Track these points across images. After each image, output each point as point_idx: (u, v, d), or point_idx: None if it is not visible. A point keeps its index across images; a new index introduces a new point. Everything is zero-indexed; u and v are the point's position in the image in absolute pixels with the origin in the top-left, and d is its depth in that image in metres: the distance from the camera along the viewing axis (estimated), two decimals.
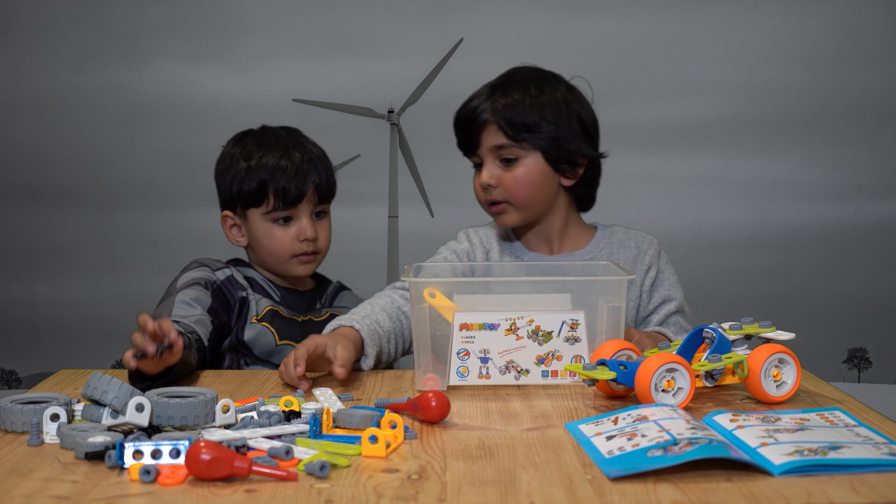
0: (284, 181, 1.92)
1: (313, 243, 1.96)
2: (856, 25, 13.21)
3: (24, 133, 10.21)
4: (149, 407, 1.25)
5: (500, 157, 1.87)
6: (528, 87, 1.88)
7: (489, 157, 1.88)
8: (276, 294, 2.01)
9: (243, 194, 1.95)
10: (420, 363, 1.58)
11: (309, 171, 1.94)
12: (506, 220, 1.91)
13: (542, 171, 1.87)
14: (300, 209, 1.94)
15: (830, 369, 8.18)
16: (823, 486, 1.08)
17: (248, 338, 1.93)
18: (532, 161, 1.87)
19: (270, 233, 1.95)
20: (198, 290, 1.88)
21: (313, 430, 1.26)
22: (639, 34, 13.05)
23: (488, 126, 1.86)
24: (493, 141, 1.86)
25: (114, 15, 11.02)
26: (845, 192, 14.06)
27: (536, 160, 1.87)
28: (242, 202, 1.96)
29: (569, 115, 1.88)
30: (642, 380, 1.40)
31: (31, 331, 9.96)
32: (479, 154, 1.89)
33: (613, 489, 1.08)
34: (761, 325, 1.54)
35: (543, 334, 1.56)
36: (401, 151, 7.21)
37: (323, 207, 1.99)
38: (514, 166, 1.87)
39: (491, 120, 1.86)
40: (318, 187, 1.95)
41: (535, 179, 1.87)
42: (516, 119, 1.84)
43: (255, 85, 12.11)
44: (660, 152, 13.36)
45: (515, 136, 1.85)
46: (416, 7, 11.63)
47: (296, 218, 1.95)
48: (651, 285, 1.93)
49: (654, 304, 1.92)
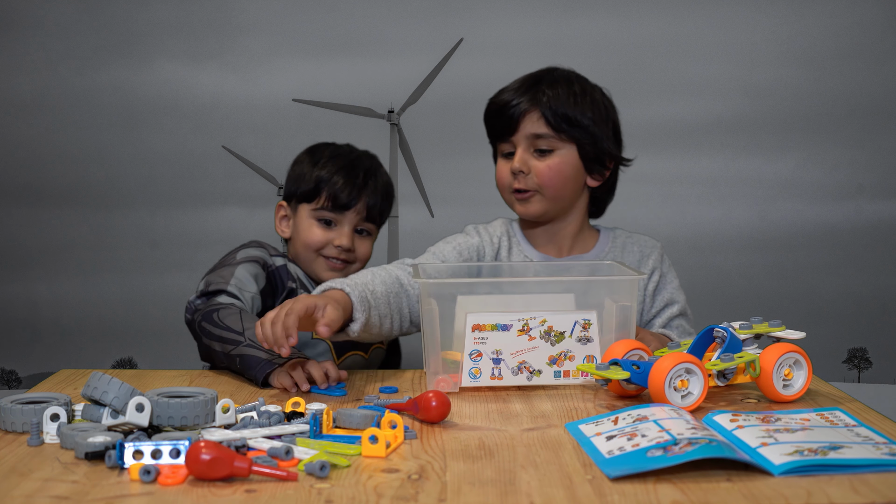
0: (339, 187, 2.03)
1: (346, 253, 2.04)
2: (856, 25, 13.33)
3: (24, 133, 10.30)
4: (149, 407, 1.25)
5: (535, 147, 1.88)
6: (572, 83, 1.91)
7: (524, 144, 1.88)
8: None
9: (301, 188, 2.06)
10: (430, 364, 1.57)
11: (366, 190, 2.06)
12: (529, 208, 1.91)
13: (574, 166, 1.90)
14: (345, 218, 2.04)
15: (830, 369, 8.20)
16: (823, 486, 1.08)
17: None
18: (567, 154, 1.89)
19: (311, 227, 2.04)
20: (256, 268, 1.96)
21: (313, 430, 1.27)
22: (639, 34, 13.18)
23: (530, 113, 1.87)
24: (532, 129, 1.87)
25: (114, 15, 11.13)
26: (845, 192, 14.17)
27: (571, 153, 1.89)
28: (298, 196, 2.06)
29: (606, 117, 1.92)
30: (656, 380, 1.40)
31: (31, 331, 10.05)
32: (512, 141, 1.90)
33: (613, 489, 1.08)
34: (771, 325, 1.55)
35: (556, 334, 1.56)
36: (401, 151, 7.22)
37: (368, 227, 2.08)
38: (548, 157, 1.88)
39: (533, 108, 1.87)
40: (369, 207, 2.06)
41: (567, 172, 1.89)
42: (560, 110, 1.86)
43: (255, 85, 12.23)
44: (660, 152, 13.39)
45: (557, 126, 1.86)
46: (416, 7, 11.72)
47: (338, 225, 2.05)
48: (654, 289, 1.94)
49: (658, 307, 1.93)
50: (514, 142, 1.90)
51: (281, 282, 2.00)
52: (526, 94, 1.88)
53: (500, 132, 1.92)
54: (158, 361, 6.12)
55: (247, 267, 1.93)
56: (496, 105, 1.92)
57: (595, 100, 1.91)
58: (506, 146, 1.92)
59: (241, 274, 1.91)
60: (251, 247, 2.02)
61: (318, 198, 2.04)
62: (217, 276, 1.89)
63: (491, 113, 1.94)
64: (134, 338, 6.50)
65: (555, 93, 1.87)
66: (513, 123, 1.88)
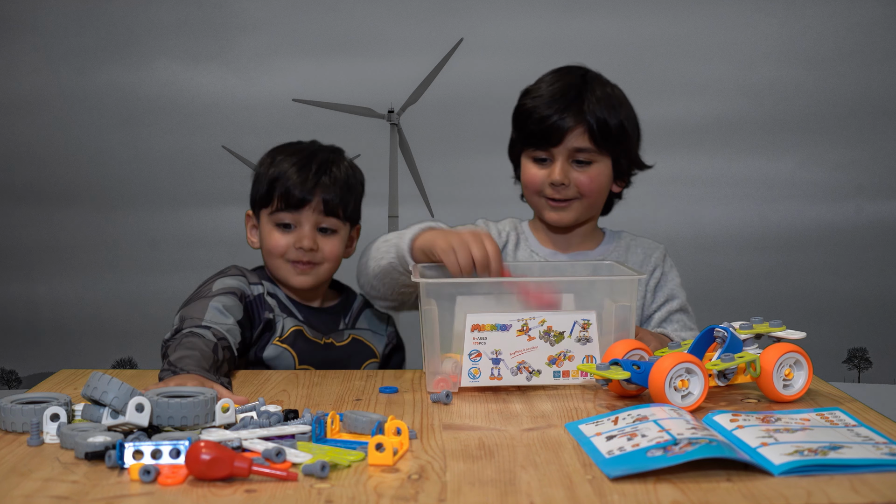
0: (290, 186, 1.94)
1: (310, 253, 1.94)
2: (856, 25, 13.18)
3: (24, 133, 10.18)
4: (149, 407, 1.25)
5: (573, 159, 1.90)
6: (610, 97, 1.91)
7: (564, 156, 1.89)
8: (299, 314, 1.99)
9: (259, 192, 1.99)
10: (429, 365, 1.57)
11: (321, 184, 1.95)
12: (564, 217, 1.94)
13: (609, 176, 1.94)
14: (303, 217, 1.94)
15: (830, 369, 8.15)
16: (823, 486, 1.08)
17: (267, 356, 1.93)
18: (604, 165, 1.92)
19: (271, 234, 1.96)
20: (233, 300, 1.86)
21: (315, 433, 1.26)
22: (639, 34, 13.01)
23: (575, 129, 1.88)
24: (576, 143, 1.88)
25: (114, 15, 11.00)
26: (845, 192, 14.04)
27: (607, 165, 1.92)
28: (258, 201, 1.99)
29: (637, 127, 1.97)
30: (656, 380, 1.40)
31: (31, 331, 9.94)
32: (551, 151, 1.90)
33: (613, 489, 1.08)
34: (772, 325, 1.55)
35: (555, 335, 1.56)
36: (401, 151, 7.20)
37: (332, 224, 1.96)
38: (587, 168, 1.90)
39: (579, 124, 1.88)
40: (325, 202, 1.95)
41: (603, 183, 1.94)
42: (604, 128, 1.88)
43: (255, 85, 12.09)
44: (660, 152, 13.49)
45: (600, 142, 1.88)
46: (416, 7, 11.57)
47: (298, 226, 1.95)
48: (655, 285, 1.98)
49: (658, 302, 1.97)
50: (553, 153, 1.90)
51: (258, 314, 1.92)
52: (570, 109, 1.88)
53: (538, 142, 1.91)
54: (158, 361, 6.12)
55: (222, 300, 1.83)
56: (537, 115, 1.90)
57: (629, 111, 1.95)
58: (540, 153, 1.92)
59: (214, 308, 1.80)
60: (230, 275, 1.93)
61: (271, 200, 1.95)
62: (191, 311, 1.80)
63: (529, 121, 1.92)
64: (134, 338, 6.51)
65: (599, 108, 1.89)
66: (556, 137, 1.88)
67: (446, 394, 1.50)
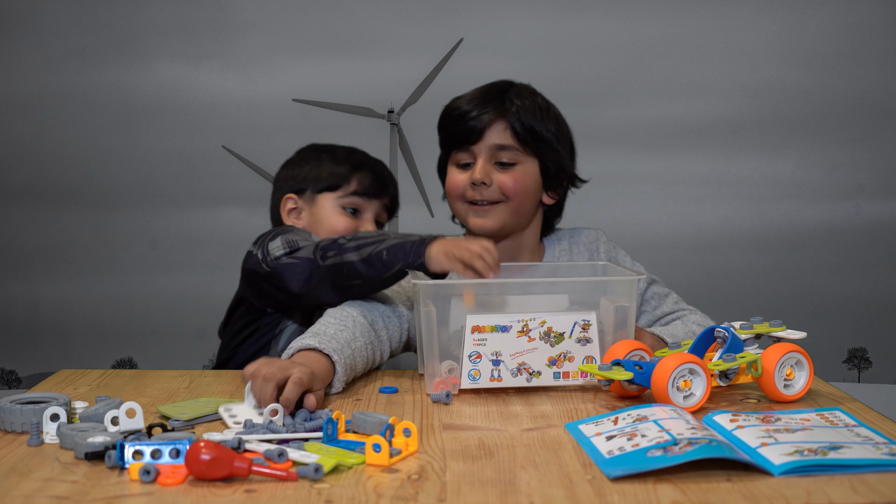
0: (371, 176, 2.06)
1: None
2: (856, 25, 13.34)
3: (24, 133, 10.31)
4: (140, 410, 1.25)
5: (496, 159, 1.83)
6: (536, 96, 1.88)
7: (486, 154, 1.83)
8: None
9: (325, 177, 2.05)
10: (427, 367, 1.57)
11: (389, 185, 2.10)
12: (486, 222, 1.85)
13: (535, 181, 1.86)
14: (370, 208, 2.06)
15: (830, 369, 8.20)
16: (823, 486, 1.08)
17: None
18: (529, 168, 1.85)
19: (337, 216, 2.04)
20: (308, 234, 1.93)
21: (327, 434, 1.25)
22: (639, 34, 13.15)
23: (496, 123, 1.82)
24: (497, 140, 1.83)
25: (114, 15, 11.14)
26: (845, 192, 14.20)
27: (533, 168, 1.85)
28: (319, 186, 2.05)
29: (566, 135, 1.90)
30: (659, 380, 1.40)
31: (31, 331, 10.06)
32: (472, 150, 1.84)
33: (613, 489, 1.08)
34: (772, 325, 1.55)
35: (555, 335, 1.56)
36: (401, 151, 7.23)
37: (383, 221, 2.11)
38: (510, 169, 1.83)
39: (500, 118, 1.82)
40: (392, 199, 2.11)
41: (529, 186, 1.85)
42: (527, 122, 1.82)
43: (255, 85, 12.26)
44: (660, 152, 13.33)
45: (523, 138, 1.82)
46: (416, 7, 11.73)
47: (362, 213, 2.06)
48: None
49: None
50: (474, 152, 1.84)
51: None
52: (491, 104, 1.83)
53: (459, 140, 1.85)
54: (158, 361, 6.12)
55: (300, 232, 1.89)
56: (457, 112, 1.85)
57: (557, 116, 1.88)
58: (463, 156, 1.86)
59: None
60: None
61: (346, 184, 2.04)
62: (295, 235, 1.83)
63: (450, 120, 1.87)
64: (134, 338, 6.49)
65: (522, 104, 1.83)
66: (476, 133, 1.82)
67: (446, 394, 1.50)
